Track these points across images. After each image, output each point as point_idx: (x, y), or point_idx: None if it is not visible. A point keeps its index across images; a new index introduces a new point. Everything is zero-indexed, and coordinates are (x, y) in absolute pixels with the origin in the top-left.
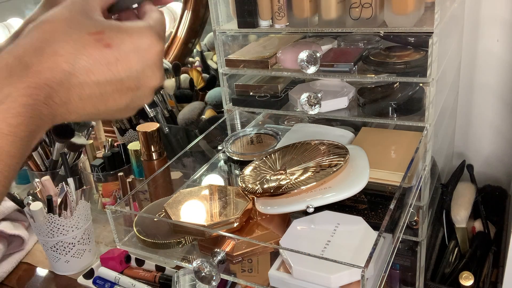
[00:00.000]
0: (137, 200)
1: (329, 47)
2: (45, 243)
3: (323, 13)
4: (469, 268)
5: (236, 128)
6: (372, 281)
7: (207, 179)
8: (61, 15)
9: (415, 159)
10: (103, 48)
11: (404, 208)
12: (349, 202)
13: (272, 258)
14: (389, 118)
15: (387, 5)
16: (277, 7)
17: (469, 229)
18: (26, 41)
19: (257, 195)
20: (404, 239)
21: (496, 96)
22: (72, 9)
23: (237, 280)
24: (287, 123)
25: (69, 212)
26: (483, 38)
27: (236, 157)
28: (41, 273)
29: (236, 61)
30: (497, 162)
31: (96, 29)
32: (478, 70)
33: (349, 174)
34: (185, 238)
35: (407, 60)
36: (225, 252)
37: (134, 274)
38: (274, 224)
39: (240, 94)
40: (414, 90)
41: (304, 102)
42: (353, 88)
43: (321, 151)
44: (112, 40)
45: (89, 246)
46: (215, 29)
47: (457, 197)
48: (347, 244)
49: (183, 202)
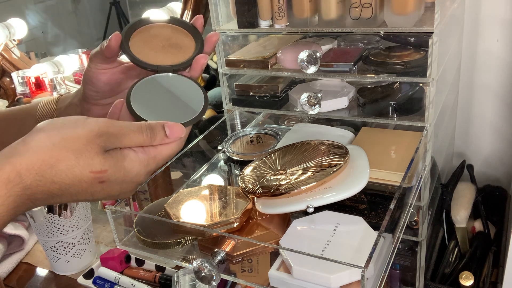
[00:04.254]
0: (137, 200)
1: (329, 47)
2: (45, 243)
3: (323, 13)
4: (469, 268)
5: (236, 128)
6: (372, 281)
7: (207, 179)
8: (75, 144)
9: (415, 159)
10: (98, 184)
11: (404, 208)
12: (349, 202)
13: (272, 258)
14: (389, 118)
15: (387, 5)
16: (277, 7)
17: (469, 229)
18: (33, 158)
19: (257, 195)
20: (404, 239)
21: (496, 96)
22: (91, 141)
23: (237, 280)
24: (287, 123)
25: (69, 212)
26: (483, 38)
27: (236, 157)
28: (41, 273)
29: (236, 61)
30: (497, 162)
31: (101, 168)
32: (478, 70)
33: (349, 174)
34: (185, 238)
35: (407, 60)
36: (225, 252)
37: (134, 274)
38: (274, 224)
39: (240, 94)
40: (414, 90)
41: (304, 102)
42: (353, 88)
43: (321, 151)
44: (109, 178)
45: (89, 246)
46: (215, 29)
47: (457, 197)
48: (347, 244)
49: (183, 202)
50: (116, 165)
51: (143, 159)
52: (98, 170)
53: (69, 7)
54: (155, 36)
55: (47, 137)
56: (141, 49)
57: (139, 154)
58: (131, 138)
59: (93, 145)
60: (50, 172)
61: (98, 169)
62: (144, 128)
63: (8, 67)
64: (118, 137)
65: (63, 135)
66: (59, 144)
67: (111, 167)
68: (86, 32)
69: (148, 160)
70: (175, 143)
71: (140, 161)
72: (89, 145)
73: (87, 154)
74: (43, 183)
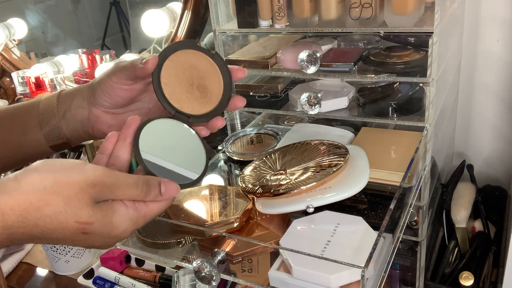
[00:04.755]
0: None
1: (329, 47)
2: None
3: (323, 13)
4: (469, 268)
5: (236, 128)
6: (372, 281)
7: (207, 179)
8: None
9: (415, 159)
10: (80, 234)
11: (404, 208)
12: (349, 202)
13: (272, 258)
14: (389, 118)
15: (387, 5)
16: (277, 7)
17: (469, 229)
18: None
19: (257, 195)
20: (404, 239)
21: (496, 96)
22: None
23: (237, 280)
24: (287, 123)
25: None
26: (483, 38)
27: (236, 157)
28: (41, 273)
29: (236, 61)
30: (497, 162)
31: (88, 220)
32: (478, 70)
33: (349, 174)
34: (185, 238)
35: (407, 60)
36: (225, 252)
37: (134, 274)
38: (274, 224)
39: (240, 94)
40: (414, 90)
41: (304, 102)
42: (353, 88)
43: (321, 151)
44: (94, 231)
45: None
46: (215, 29)
47: (457, 197)
48: (347, 244)
49: (183, 202)
50: (104, 219)
51: (132, 216)
52: (84, 222)
53: (69, 7)
54: (190, 67)
55: (40, 178)
56: (170, 78)
57: (130, 210)
58: (125, 191)
59: (84, 194)
60: (35, 215)
61: (85, 220)
62: (140, 183)
63: (8, 67)
64: (112, 189)
65: (56, 179)
66: (50, 188)
67: (98, 220)
68: (86, 32)
69: (137, 218)
70: (166, 201)
71: (130, 219)
72: (81, 194)
73: (76, 204)
74: (25, 225)
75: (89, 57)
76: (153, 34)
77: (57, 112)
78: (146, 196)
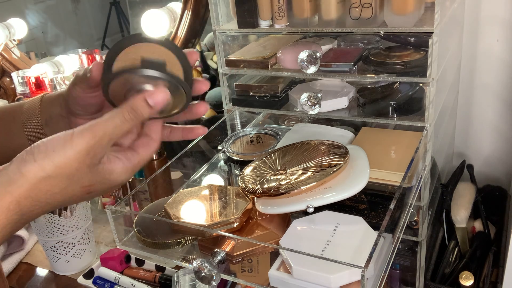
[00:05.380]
0: (137, 200)
1: (329, 47)
2: (45, 243)
3: (323, 13)
4: (469, 268)
5: (236, 128)
6: (372, 281)
7: (207, 179)
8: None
9: (415, 159)
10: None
11: (404, 208)
12: (349, 202)
13: (272, 258)
14: (389, 118)
15: (387, 5)
16: (277, 7)
17: (469, 229)
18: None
19: (257, 195)
20: (404, 239)
21: (496, 96)
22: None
23: (237, 280)
24: (287, 123)
25: (69, 212)
26: (483, 38)
27: (236, 157)
28: (41, 273)
29: (236, 61)
30: (497, 162)
31: (89, 183)
32: (478, 70)
33: (349, 174)
34: (185, 238)
35: (407, 60)
36: (225, 252)
37: (134, 274)
38: (274, 224)
39: (240, 94)
40: (414, 90)
41: (304, 102)
42: (353, 88)
43: (321, 151)
44: (96, 189)
45: (89, 246)
46: (215, 29)
47: (457, 197)
48: (347, 244)
49: (183, 202)
50: (103, 179)
51: (128, 167)
52: (87, 185)
53: (69, 7)
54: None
55: (40, 168)
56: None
57: (124, 163)
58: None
59: (83, 165)
60: (45, 196)
61: (87, 184)
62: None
63: (8, 67)
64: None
65: (55, 163)
66: (53, 174)
67: (99, 181)
68: (86, 32)
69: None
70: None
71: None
72: (80, 166)
73: (78, 175)
74: (38, 207)
75: (89, 57)
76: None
77: (40, 119)
78: (138, 118)
